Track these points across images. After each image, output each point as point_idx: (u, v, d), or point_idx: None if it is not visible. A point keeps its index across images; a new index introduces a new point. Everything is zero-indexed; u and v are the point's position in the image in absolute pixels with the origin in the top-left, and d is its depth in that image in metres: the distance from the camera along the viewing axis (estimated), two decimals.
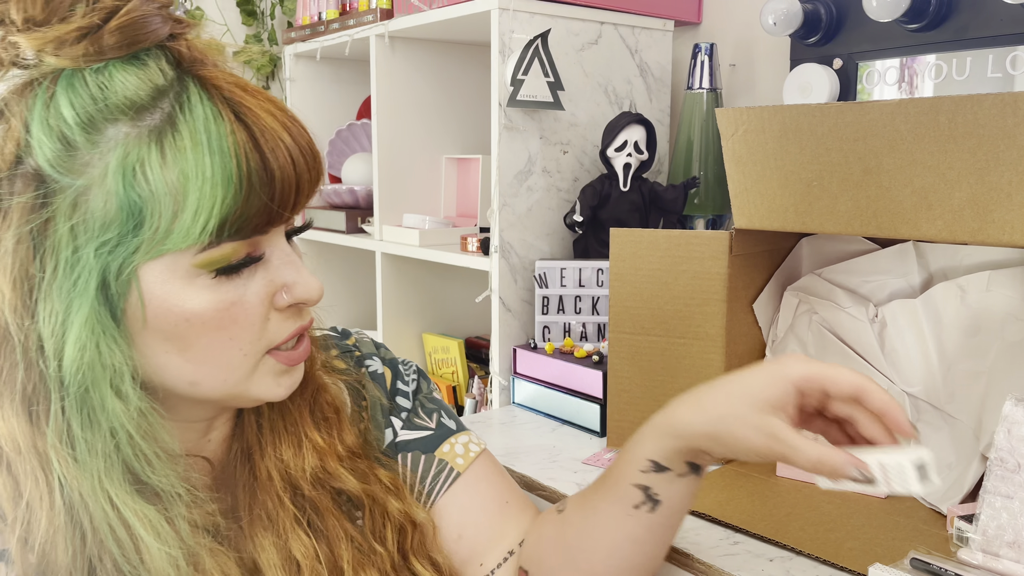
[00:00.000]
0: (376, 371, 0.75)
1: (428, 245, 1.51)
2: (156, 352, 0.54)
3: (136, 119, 0.50)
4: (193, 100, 0.51)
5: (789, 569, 0.77)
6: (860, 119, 0.83)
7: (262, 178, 0.51)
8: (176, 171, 0.49)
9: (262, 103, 0.53)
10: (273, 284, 0.56)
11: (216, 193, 0.50)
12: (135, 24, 0.51)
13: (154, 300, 0.52)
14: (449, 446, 0.74)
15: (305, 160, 0.54)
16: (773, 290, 1.06)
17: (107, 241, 0.50)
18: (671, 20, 1.45)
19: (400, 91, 1.63)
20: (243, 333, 0.55)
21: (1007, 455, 0.73)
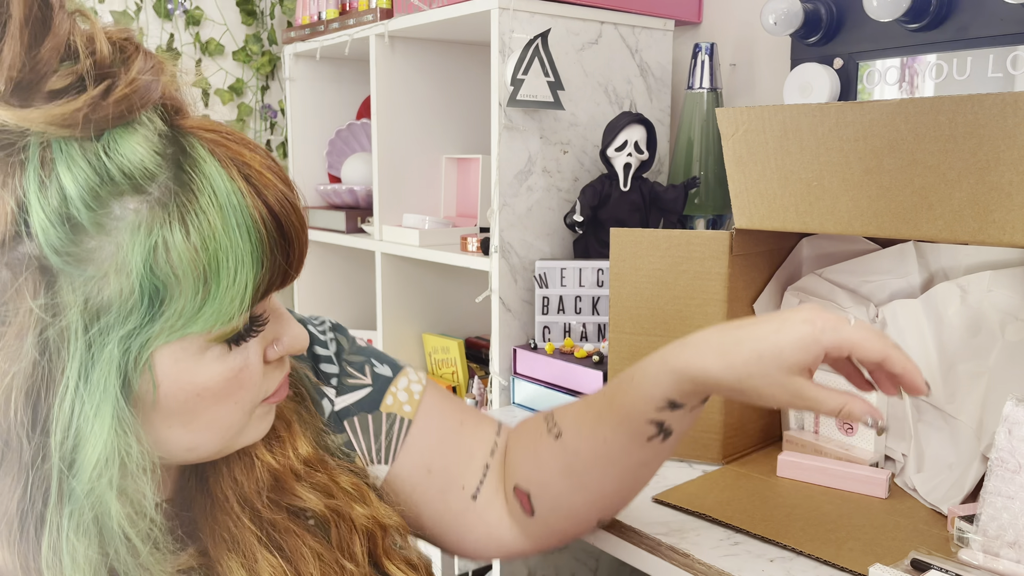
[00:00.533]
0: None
1: (428, 245, 1.50)
2: (158, 429, 0.51)
3: (141, 190, 0.46)
4: (202, 164, 0.47)
5: (790, 570, 0.77)
6: (860, 119, 0.83)
7: (281, 246, 0.50)
8: (206, 254, 0.46)
9: (262, 159, 0.50)
10: (266, 340, 0.55)
11: (249, 273, 0.48)
12: (141, 90, 0.47)
13: (167, 380, 0.49)
14: (392, 397, 0.71)
15: (301, 211, 0.52)
16: (773, 290, 1.06)
17: (129, 332, 0.46)
18: (671, 20, 1.45)
19: (400, 91, 1.63)
20: (247, 395, 0.54)
21: (1008, 455, 0.73)
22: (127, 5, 1.99)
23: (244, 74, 2.19)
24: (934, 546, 0.78)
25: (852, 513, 0.86)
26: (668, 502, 0.90)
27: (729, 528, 0.85)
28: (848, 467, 0.92)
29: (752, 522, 0.85)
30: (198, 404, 0.51)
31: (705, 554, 0.80)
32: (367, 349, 0.74)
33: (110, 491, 0.47)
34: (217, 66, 2.15)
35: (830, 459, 0.95)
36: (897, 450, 0.96)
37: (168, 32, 2.06)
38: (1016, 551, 0.72)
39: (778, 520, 0.85)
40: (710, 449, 1.01)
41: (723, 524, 0.85)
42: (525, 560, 1.37)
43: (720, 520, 0.86)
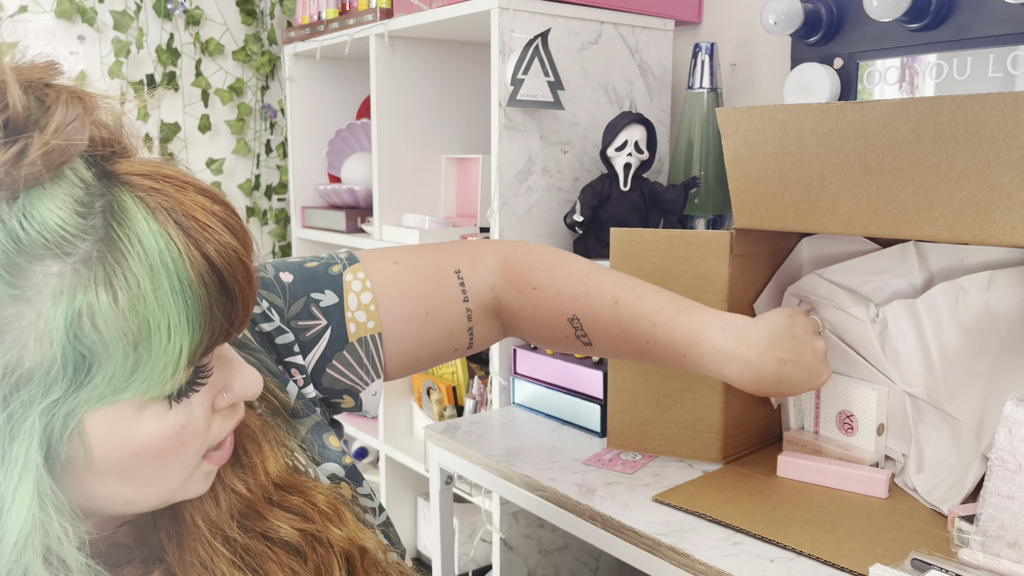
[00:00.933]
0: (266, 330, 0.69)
1: None
2: (93, 487, 0.48)
3: (63, 253, 0.41)
4: (132, 219, 0.43)
5: (790, 570, 0.76)
6: (861, 119, 0.83)
7: (223, 305, 0.46)
8: (136, 320, 0.42)
9: (200, 199, 0.46)
10: (213, 388, 0.51)
11: (184, 336, 0.44)
12: (58, 150, 0.42)
13: (100, 443, 0.46)
14: (353, 324, 0.70)
15: (249, 256, 0.48)
16: (773, 290, 1.06)
17: (53, 402, 0.43)
18: (671, 19, 1.45)
19: (400, 91, 1.63)
20: (189, 450, 0.50)
21: (1008, 455, 0.73)
22: (127, 5, 1.99)
23: (244, 74, 2.19)
24: (934, 546, 0.78)
25: (852, 513, 0.86)
26: (668, 502, 0.90)
27: (729, 528, 0.85)
28: (848, 467, 0.92)
29: (752, 522, 0.85)
30: (136, 463, 0.48)
31: (705, 554, 0.79)
32: (297, 284, 0.71)
33: (35, 559, 0.44)
34: (217, 66, 2.15)
35: (830, 459, 0.95)
36: (897, 450, 0.96)
37: (168, 32, 2.06)
38: (1016, 551, 0.72)
39: (778, 520, 0.85)
40: (710, 449, 1.01)
41: (723, 524, 0.85)
42: (525, 560, 1.37)
43: (720, 520, 0.85)
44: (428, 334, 0.75)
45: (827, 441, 0.98)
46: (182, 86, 2.11)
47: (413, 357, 0.75)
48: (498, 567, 1.35)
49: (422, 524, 1.89)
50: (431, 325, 0.75)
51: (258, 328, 0.68)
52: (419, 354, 0.75)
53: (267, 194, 2.27)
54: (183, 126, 2.12)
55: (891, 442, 0.96)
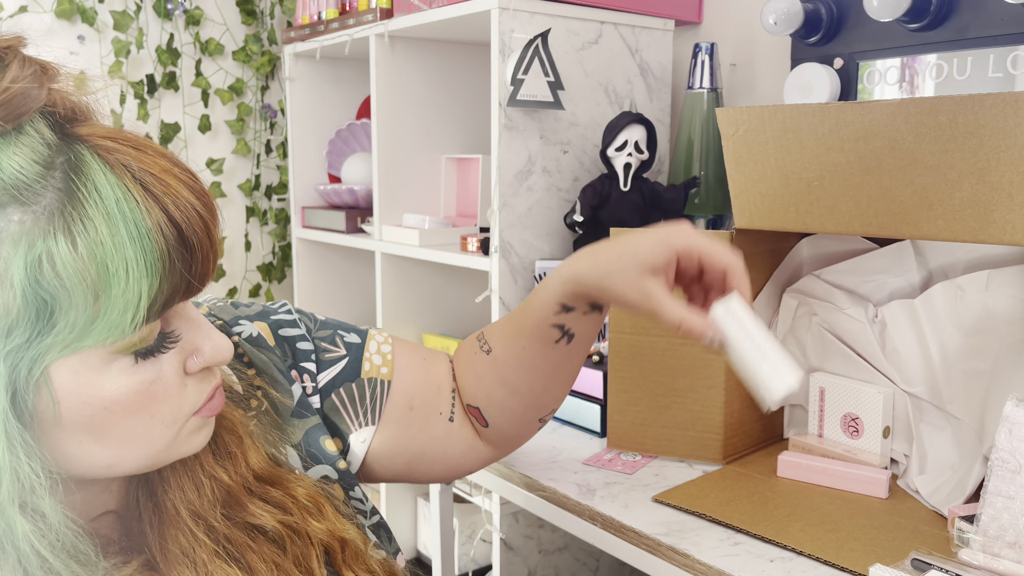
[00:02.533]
0: (251, 334, 0.70)
1: (428, 245, 1.50)
2: (68, 445, 0.49)
3: (27, 201, 0.44)
4: (93, 174, 0.45)
5: (790, 570, 0.76)
6: (861, 119, 0.83)
7: (182, 255, 0.47)
8: (94, 264, 0.44)
9: (161, 162, 0.48)
10: (184, 351, 0.53)
11: (142, 283, 0.45)
12: (17, 98, 0.44)
13: (68, 396, 0.47)
14: (368, 363, 0.74)
15: (213, 220, 0.50)
16: (771, 291, 1.06)
17: (15, 347, 0.44)
18: (671, 20, 1.45)
19: (400, 91, 1.63)
20: (163, 407, 0.51)
21: (1008, 456, 0.73)
22: (127, 5, 1.99)
23: (244, 74, 2.19)
24: (934, 546, 0.78)
25: (852, 513, 0.86)
26: (668, 502, 0.90)
27: (729, 528, 0.85)
28: (848, 467, 0.92)
29: (752, 522, 0.85)
30: (107, 419, 0.49)
31: (705, 554, 0.79)
32: (329, 322, 0.76)
33: (11, 507, 0.46)
34: (217, 66, 2.15)
35: (829, 459, 0.94)
36: (900, 451, 0.96)
37: (168, 32, 2.06)
38: (1016, 551, 0.72)
39: (778, 520, 0.85)
40: (710, 449, 1.01)
41: (723, 524, 0.85)
42: (525, 560, 1.37)
43: (720, 520, 0.85)
44: (423, 379, 0.77)
45: (832, 444, 0.98)
46: (182, 86, 2.10)
47: (408, 405, 0.75)
48: (498, 567, 1.35)
49: (422, 524, 1.89)
50: (427, 370, 0.78)
51: (282, 332, 0.71)
52: (414, 401, 0.76)
53: (267, 194, 2.27)
54: (183, 126, 2.12)
55: (894, 444, 0.96)
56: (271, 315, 0.73)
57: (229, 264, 2.25)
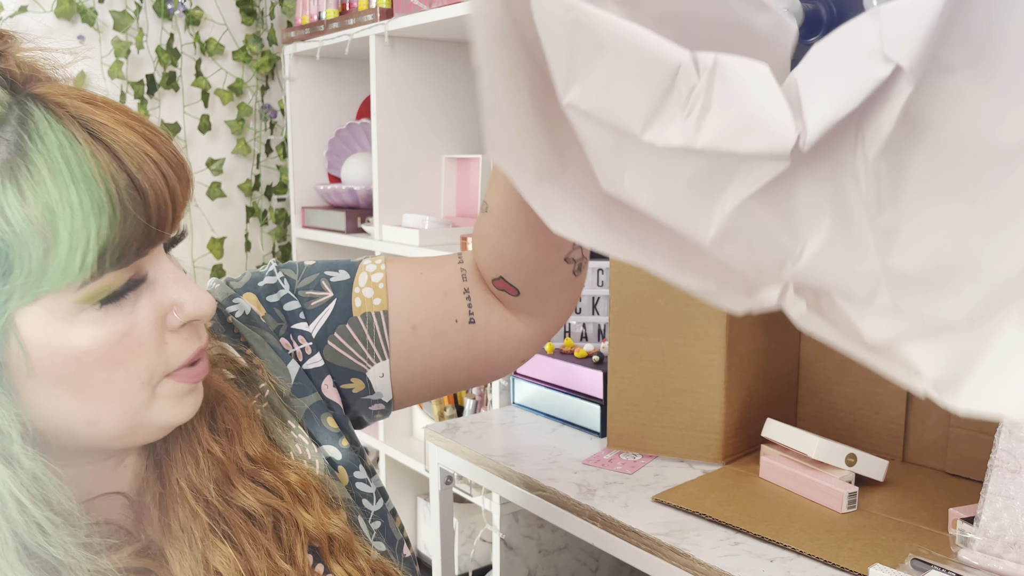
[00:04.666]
0: (244, 312, 0.69)
1: (428, 245, 1.50)
2: (46, 398, 0.50)
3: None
4: (39, 124, 0.46)
5: (790, 570, 0.76)
6: None
7: (134, 199, 0.47)
8: (39, 207, 0.45)
9: (116, 115, 0.49)
10: (162, 305, 0.52)
11: (89, 224, 0.46)
12: None
13: (37, 345, 0.48)
14: (359, 299, 0.71)
15: (175, 172, 0.50)
16: None
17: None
18: None
19: (400, 91, 1.63)
20: (139, 361, 0.51)
21: (1008, 456, 0.73)
22: (127, 5, 1.99)
23: (244, 74, 2.19)
24: (934, 547, 0.78)
25: (852, 513, 0.86)
26: (668, 502, 0.90)
27: (729, 528, 0.85)
28: (816, 476, 0.90)
29: (752, 522, 0.85)
30: (79, 370, 0.49)
31: (705, 554, 0.79)
32: (316, 265, 0.73)
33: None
34: (217, 66, 2.15)
35: (802, 466, 0.92)
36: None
37: (168, 32, 2.06)
38: (1017, 552, 0.72)
39: (778, 520, 0.85)
40: (710, 449, 1.01)
41: (723, 524, 0.85)
42: (525, 560, 1.37)
43: (720, 520, 0.85)
44: (421, 292, 0.72)
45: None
46: (182, 86, 2.11)
47: (409, 324, 0.71)
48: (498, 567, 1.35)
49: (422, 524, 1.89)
50: (425, 282, 0.73)
51: (269, 299, 0.69)
52: (414, 320, 0.71)
53: (267, 194, 2.27)
54: (183, 126, 2.12)
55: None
56: (257, 282, 0.71)
57: (229, 264, 2.25)
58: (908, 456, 1.01)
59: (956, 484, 0.94)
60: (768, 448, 0.97)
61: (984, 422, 0.92)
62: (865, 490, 0.91)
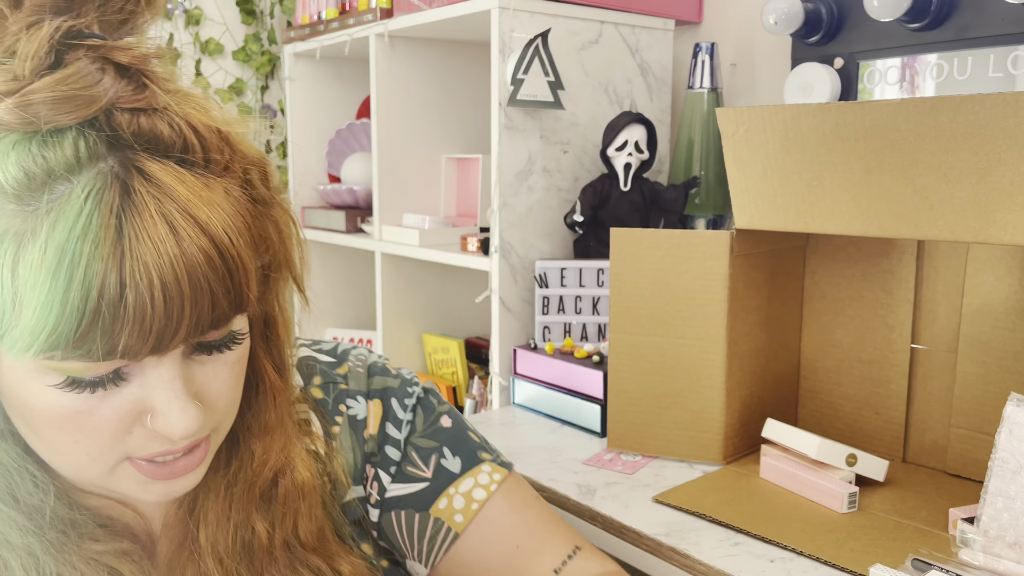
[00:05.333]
0: (356, 416, 0.65)
1: (428, 245, 1.50)
2: (16, 421, 0.49)
3: (21, 201, 0.43)
4: (75, 200, 0.42)
5: (790, 570, 0.76)
6: (861, 119, 0.83)
7: (111, 316, 0.42)
8: (21, 278, 0.42)
9: (177, 217, 0.44)
10: (138, 404, 0.47)
11: (45, 321, 0.42)
12: (67, 98, 0.43)
13: (5, 377, 0.47)
14: (447, 499, 0.65)
15: (197, 289, 0.44)
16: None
17: None
18: (672, 19, 1.45)
19: (400, 91, 1.63)
20: (89, 441, 0.47)
21: (1009, 456, 0.73)
22: None
23: (244, 74, 2.19)
24: (935, 547, 0.78)
25: (853, 514, 0.86)
26: (668, 502, 0.90)
27: (729, 528, 0.84)
28: (816, 476, 0.90)
29: (752, 522, 0.84)
30: (33, 419, 0.47)
31: (705, 554, 0.79)
32: (445, 432, 0.68)
33: None
34: (217, 66, 2.15)
35: (802, 466, 0.92)
36: None
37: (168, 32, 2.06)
38: (1017, 552, 0.71)
39: (778, 520, 0.85)
40: (710, 449, 1.01)
41: (723, 524, 0.85)
42: None
43: (720, 520, 0.85)
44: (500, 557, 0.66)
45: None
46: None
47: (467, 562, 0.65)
48: None
49: None
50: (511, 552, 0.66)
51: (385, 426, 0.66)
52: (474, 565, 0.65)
53: None
54: None
55: None
56: (392, 397, 0.67)
57: None
58: (909, 456, 1.01)
59: (956, 484, 0.94)
60: (768, 448, 0.97)
61: (984, 422, 0.92)
62: (865, 490, 0.91)
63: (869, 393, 1.03)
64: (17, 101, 0.43)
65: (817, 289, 1.08)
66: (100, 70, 0.45)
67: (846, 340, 1.05)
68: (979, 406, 0.93)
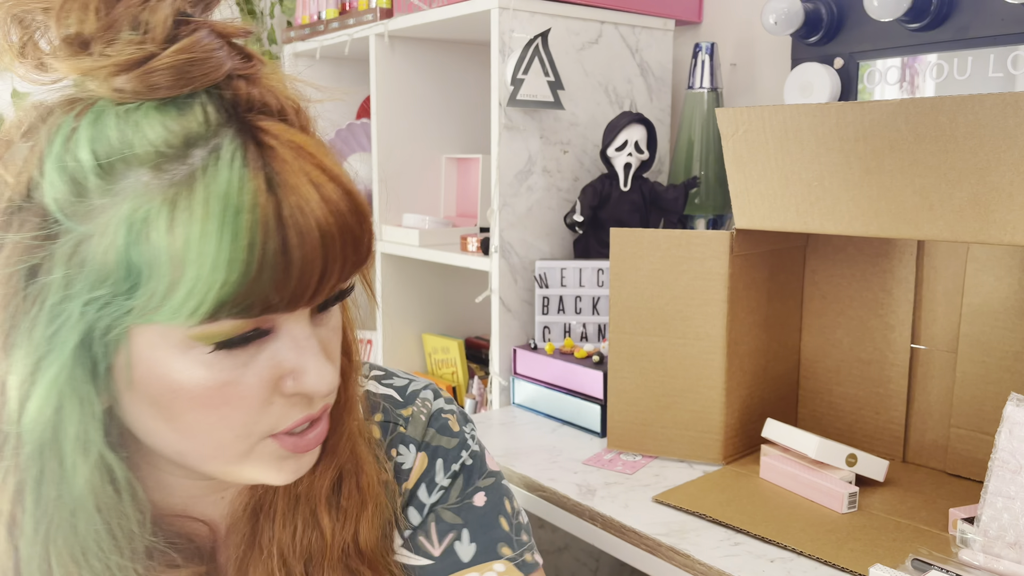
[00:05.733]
0: (402, 465, 0.63)
1: (428, 245, 1.50)
2: (143, 415, 0.49)
3: (159, 170, 0.44)
4: (223, 158, 0.44)
5: (790, 570, 0.76)
6: (861, 119, 0.83)
7: (277, 262, 0.44)
8: (180, 242, 0.43)
9: (313, 172, 0.46)
10: (280, 367, 0.48)
11: (215, 276, 0.43)
12: (193, 64, 0.45)
13: (142, 364, 0.46)
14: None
15: (343, 240, 0.46)
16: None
17: (98, 298, 0.44)
18: (672, 19, 1.45)
19: (400, 91, 1.63)
20: (235, 415, 0.48)
21: (1008, 456, 0.73)
22: None
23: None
24: (935, 547, 0.78)
25: (852, 513, 0.86)
26: (668, 502, 0.90)
27: (729, 528, 0.84)
28: (816, 476, 0.91)
29: (752, 522, 0.84)
30: (175, 402, 0.47)
31: (705, 554, 0.79)
32: (473, 512, 0.64)
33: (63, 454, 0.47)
34: None
35: (802, 466, 0.93)
36: None
37: None
38: (1017, 552, 0.71)
39: (778, 520, 0.85)
40: (710, 449, 1.01)
41: (723, 524, 0.85)
42: None
43: (720, 520, 0.85)
44: None
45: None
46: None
47: None
48: None
49: None
50: None
51: (419, 490, 0.64)
52: None
53: None
54: None
55: None
56: (439, 458, 0.64)
57: None
58: (908, 456, 1.01)
59: (956, 484, 0.94)
60: (768, 448, 0.97)
61: (984, 422, 0.92)
62: (865, 490, 0.91)
63: (869, 393, 1.03)
64: (148, 68, 0.44)
65: (817, 289, 1.08)
66: (217, 40, 0.47)
67: (846, 340, 1.05)
68: (979, 406, 0.93)
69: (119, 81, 0.44)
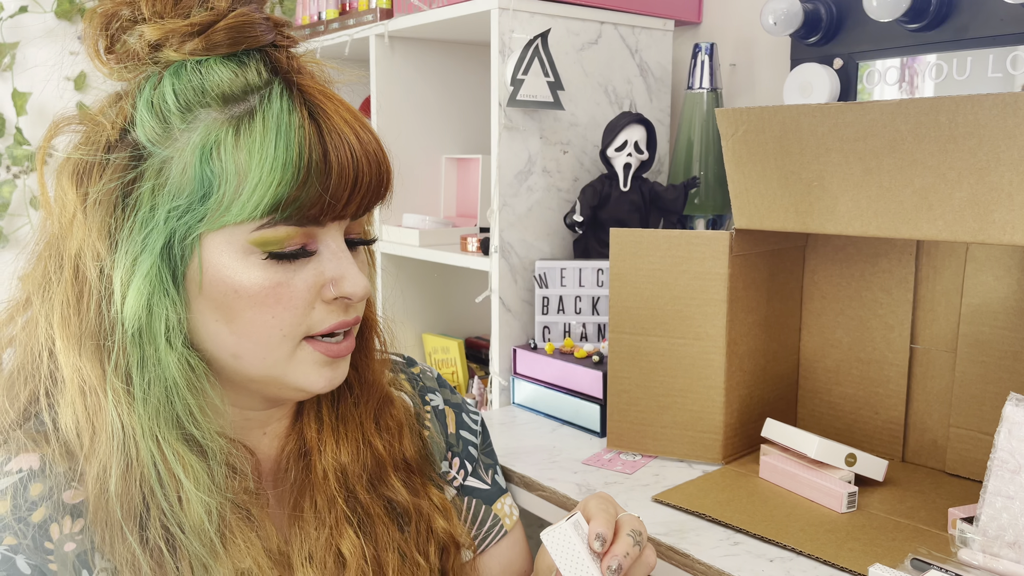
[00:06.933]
0: (438, 407, 0.80)
1: (428, 245, 1.50)
2: (207, 319, 0.59)
3: (225, 107, 0.57)
4: (274, 96, 0.57)
5: (789, 570, 0.77)
6: (860, 119, 0.83)
7: (320, 168, 0.56)
8: (245, 152, 0.56)
9: (339, 109, 0.59)
10: (322, 276, 0.60)
11: (274, 175, 0.55)
12: (242, 27, 0.58)
13: (211, 267, 0.57)
14: (501, 504, 0.83)
15: (368, 163, 0.59)
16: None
17: (178, 207, 0.56)
18: (671, 20, 1.45)
19: (400, 91, 1.63)
20: (285, 314, 0.59)
21: (1008, 456, 0.73)
22: None
23: None
24: (934, 546, 0.78)
25: (852, 513, 0.86)
26: (668, 502, 0.90)
27: (729, 528, 0.85)
28: (815, 476, 0.91)
29: (752, 522, 0.85)
30: (235, 302, 0.58)
31: (705, 554, 0.79)
32: (494, 456, 0.86)
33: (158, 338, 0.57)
34: None
35: (801, 465, 0.93)
36: None
37: None
38: (1016, 551, 0.72)
39: (778, 520, 0.85)
40: (710, 449, 1.01)
41: (723, 524, 0.85)
42: None
43: (720, 520, 0.85)
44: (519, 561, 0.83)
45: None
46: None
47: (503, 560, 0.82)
48: None
49: None
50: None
51: (463, 435, 0.82)
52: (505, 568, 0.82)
53: None
54: None
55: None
56: (463, 412, 0.83)
57: None
58: (908, 456, 1.01)
59: (956, 484, 0.94)
60: (768, 448, 0.97)
61: (983, 422, 0.92)
62: (865, 490, 0.91)
63: (868, 393, 1.03)
64: (212, 30, 0.58)
65: (817, 289, 1.08)
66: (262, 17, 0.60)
67: (845, 340, 1.05)
68: (978, 406, 0.93)
69: (189, 45, 0.58)
